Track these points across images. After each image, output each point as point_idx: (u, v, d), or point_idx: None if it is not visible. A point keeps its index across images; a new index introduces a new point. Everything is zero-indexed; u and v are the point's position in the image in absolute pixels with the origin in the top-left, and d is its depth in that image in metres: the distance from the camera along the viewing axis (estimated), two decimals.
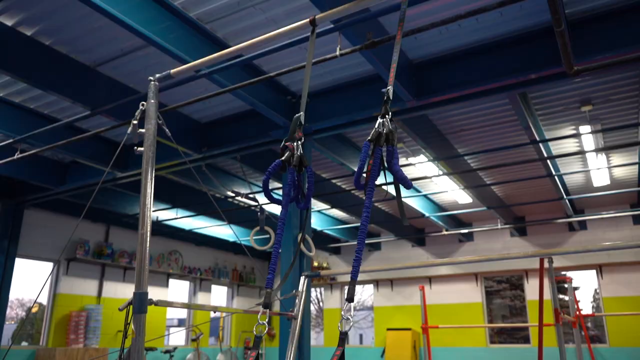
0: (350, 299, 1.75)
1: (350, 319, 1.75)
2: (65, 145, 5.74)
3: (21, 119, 6.34)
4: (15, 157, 5.79)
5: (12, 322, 10.74)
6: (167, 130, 2.79)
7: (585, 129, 6.76)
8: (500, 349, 11.04)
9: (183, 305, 2.88)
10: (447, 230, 11.17)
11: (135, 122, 2.75)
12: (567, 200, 9.36)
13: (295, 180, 2.25)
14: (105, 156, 7.26)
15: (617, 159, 8.12)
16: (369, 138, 1.88)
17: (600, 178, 8.60)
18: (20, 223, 8.94)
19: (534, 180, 8.72)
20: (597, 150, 7.06)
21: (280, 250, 2.15)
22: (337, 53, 3.41)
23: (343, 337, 1.77)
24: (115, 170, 7.47)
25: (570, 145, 7.61)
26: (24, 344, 9.34)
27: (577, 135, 6.88)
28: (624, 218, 10.38)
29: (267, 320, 2.10)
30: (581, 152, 7.20)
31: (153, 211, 9.92)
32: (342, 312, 1.77)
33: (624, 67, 5.25)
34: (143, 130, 2.73)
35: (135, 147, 2.71)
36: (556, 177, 8.22)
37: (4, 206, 8.79)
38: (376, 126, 1.89)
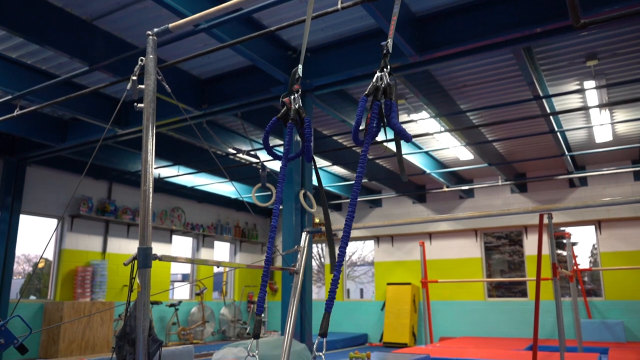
0: (322, 334, 1.58)
1: (323, 357, 1.57)
2: (65, 102, 5.70)
3: (19, 75, 6.28)
4: (15, 113, 5.75)
5: (20, 277, 10.97)
6: (166, 86, 2.77)
7: (589, 84, 6.68)
8: (497, 302, 11.29)
9: (187, 260, 2.94)
10: (447, 186, 11.22)
11: (134, 77, 2.73)
12: (568, 157, 9.35)
13: (294, 135, 2.26)
14: (106, 113, 7.22)
15: (620, 114, 8.06)
16: (366, 92, 1.87)
17: (602, 134, 8.56)
18: (22, 180, 8.99)
19: (536, 136, 8.69)
20: (601, 105, 6.99)
21: (280, 208, 2.15)
22: (339, 6, 3.33)
23: None
24: (115, 127, 7.44)
25: (573, 101, 7.54)
26: (32, 297, 9.58)
27: (581, 91, 6.80)
28: (624, 174, 10.40)
29: (256, 353, 2.02)
30: (585, 108, 7.14)
31: (155, 168, 9.93)
32: (314, 350, 1.59)
33: (632, 19, 5.13)
34: (142, 86, 2.71)
35: (136, 104, 2.70)
36: (558, 134, 8.18)
37: (6, 163, 8.82)
38: (374, 80, 1.88)
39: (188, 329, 11.22)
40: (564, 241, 9.35)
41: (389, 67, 1.89)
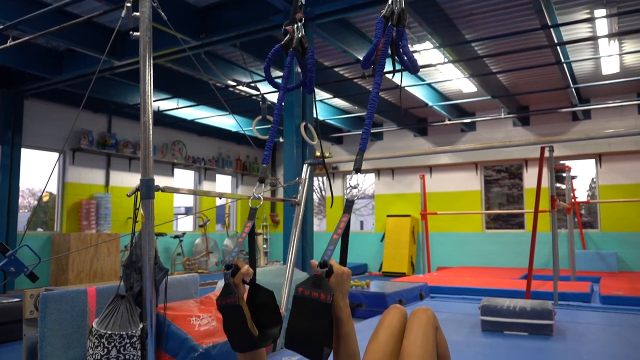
0: (357, 169, 1.73)
1: (357, 187, 1.71)
2: (59, 32, 5.53)
3: (9, 3, 6.06)
4: (8, 44, 5.60)
5: (25, 211, 11.14)
6: (162, 13, 2.68)
7: (600, 12, 6.45)
8: (495, 233, 11.52)
9: (189, 192, 2.97)
10: (449, 119, 11.13)
11: (129, 4, 2.64)
12: (573, 89, 9.21)
13: (295, 65, 2.21)
14: (101, 43, 7.04)
15: (629, 45, 7.85)
16: (383, 14, 1.82)
17: (609, 66, 8.38)
18: (21, 113, 8.92)
19: (541, 68, 8.50)
20: (610, 35, 6.79)
21: (278, 129, 2.12)
22: None
23: (349, 204, 1.70)
24: (112, 59, 7.28)
25: (582, 31, 7.32)
26: (39, 230, 9.77)
27: (591, 20, 6.58)
28: (629, 107, 10.29)
29: (261, 194, 2.10)
30: (593, 38, 6.94)
31: (154, 101, 9.81)
32: (348, 181, 1.76)
33: None
34: (137, 14, 2.62)
35: (131, 32, 2.62)
36: (564, 65, 8.00)
37: (3, 96, 8.71)
38: (390, 2, 1.81)
39: (192, 259, 11.54)
40: (564, 175, 9.40)
41: None
